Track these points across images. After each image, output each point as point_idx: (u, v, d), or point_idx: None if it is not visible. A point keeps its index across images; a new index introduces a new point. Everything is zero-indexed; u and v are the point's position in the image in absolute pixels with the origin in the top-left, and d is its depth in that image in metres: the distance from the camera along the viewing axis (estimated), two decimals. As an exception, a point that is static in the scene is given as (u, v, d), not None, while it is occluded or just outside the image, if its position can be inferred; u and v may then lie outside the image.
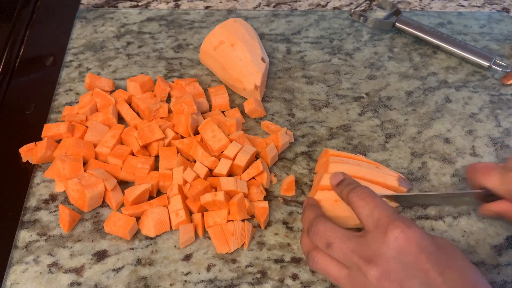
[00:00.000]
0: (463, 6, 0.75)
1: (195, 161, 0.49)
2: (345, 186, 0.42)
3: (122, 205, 0.48)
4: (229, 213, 0.46)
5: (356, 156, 0.49)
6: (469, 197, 0.48)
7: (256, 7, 0.72)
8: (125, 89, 0.58)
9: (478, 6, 0.75)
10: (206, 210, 0.47)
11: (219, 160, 0.48)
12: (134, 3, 0.72)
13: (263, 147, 0.51)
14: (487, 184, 0.44)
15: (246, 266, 0.44)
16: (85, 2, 0.71)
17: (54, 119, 0.55)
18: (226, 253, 0.45)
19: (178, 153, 0.50)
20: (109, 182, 0.47)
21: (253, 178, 0.49)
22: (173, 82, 0.59)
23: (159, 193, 0.49)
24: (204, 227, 0.46)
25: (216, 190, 0.47)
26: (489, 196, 0.45)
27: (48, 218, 0.47)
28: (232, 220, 0.46)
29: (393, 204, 0.47)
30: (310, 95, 0.60)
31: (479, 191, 0.46)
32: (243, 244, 0.45)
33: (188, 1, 0.73)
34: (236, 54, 0.57)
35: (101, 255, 0.44)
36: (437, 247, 0.36)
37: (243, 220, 0.46)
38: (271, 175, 0.51)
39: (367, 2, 0.74)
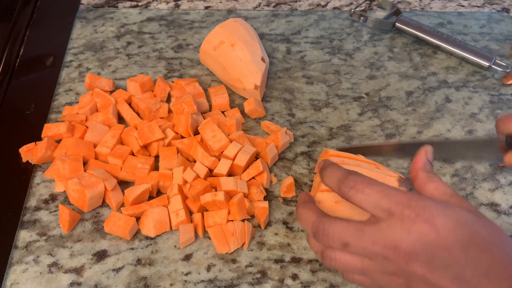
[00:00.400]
0: (463, 6, 0.75)
1: (195, 161, 0.49)
2: (330, 174, 0.39)
3: (122, 205, 0.48)
4: (229, 213, 0.46)
5: (356, 156, 0.49)
6: (495, 146, 0.46)
7: (256, 7, 0.72)
8: (125, 89, 0.58)
9: (478, 6, 0.75)
10: (206, 210, 0.47)
11: (219, 160, 0.48)
12: (134, 3, 0.72)
13: (263, 147, 0.51)
14: None
15: (246, 266, 0.44)
16: (85, 2, 0.71)
17: (54, 119, 0.55)
18: (226, 253, 0.45)
19: (178, 153, 0.50)
20: (109, 182, 0.46)
21: (253, 178, 0.49)
22: (173, 82, 0.59)
23: (159, 193, 0.49)
24: (204, 227, 0.46)
25: (216, 190, 0.47)
26: None
27: (48, 218, 0.47)
28: (232, 220, 0.46)
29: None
30: (310, 95, 0.60)
31: (506, 136, 0.44)
32: (243, 244, 0.45)
33: (188, 1, 0.73)
34: (236, 54, 0.57)
35: (101, 255, 0.44)
36: (470, 233, 0.33)
37: (243, 220, 0.46)
38: (271, 175, 0.51)
39: (367, 2, 0.74)
